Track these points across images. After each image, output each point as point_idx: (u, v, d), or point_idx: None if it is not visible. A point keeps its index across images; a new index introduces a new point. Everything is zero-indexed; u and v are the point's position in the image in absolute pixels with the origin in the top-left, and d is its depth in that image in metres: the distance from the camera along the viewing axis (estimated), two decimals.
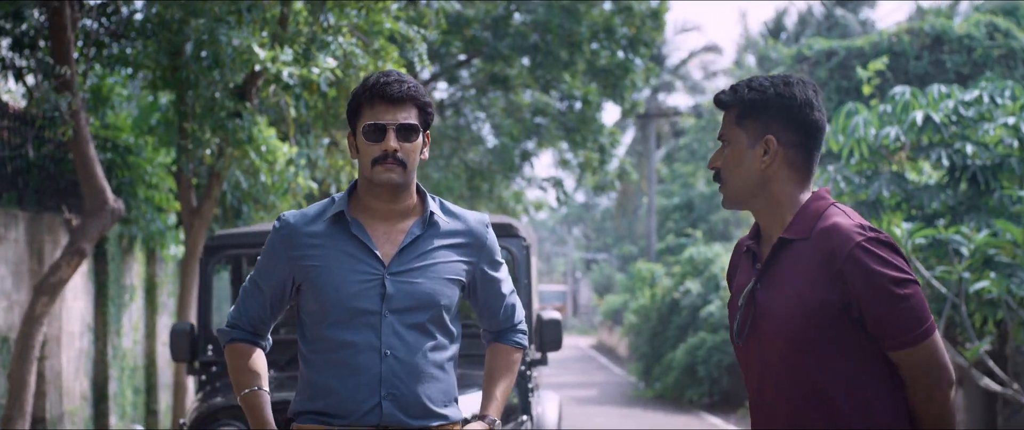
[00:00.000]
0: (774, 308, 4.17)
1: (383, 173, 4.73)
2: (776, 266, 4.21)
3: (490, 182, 27.93)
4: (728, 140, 4.24)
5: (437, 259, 4.83)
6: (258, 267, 4.94)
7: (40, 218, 12.92)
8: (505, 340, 5.15)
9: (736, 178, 4.23)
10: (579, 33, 23.68)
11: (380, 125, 4.71)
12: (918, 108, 14.16)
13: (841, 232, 4.05)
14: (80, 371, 14.03)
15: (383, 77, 4.80)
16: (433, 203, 4.93)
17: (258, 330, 5.00)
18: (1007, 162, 13.90)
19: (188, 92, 12.93)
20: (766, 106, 4.17)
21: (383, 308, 4.74)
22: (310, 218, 4.88)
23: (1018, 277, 12.58)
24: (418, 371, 4.75)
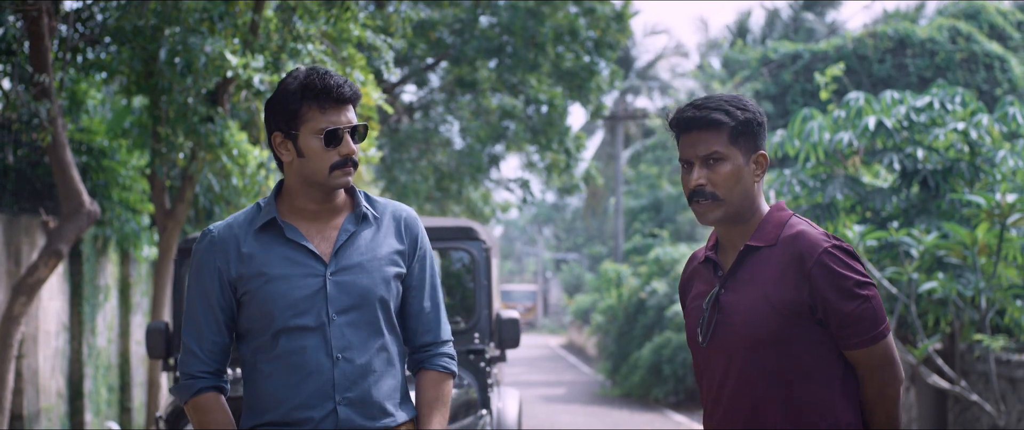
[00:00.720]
0: (741, 308, 4.36)
1: (342, 177, 4.61)
2: (741, 271, 4.40)
3: (458, 184, 28.18)
4: (724, 157, 4.35)
5: (374, 253, 4.70)
6: (196, 290, 4.71)
7: (17, 220, 13.23)
8: (431, 365, 4.85)
9: (737, 195, 4.36)
10: (542, 34, 23.98)
11: (339, 130, 4.57)
12: (871, 114, 14.60)
13: (809, 239, 4.30)
14: (56, 369, 14.34)
15: (328, 77, 4.59)
16: (362, 198, 4.80)
17: (220, 365, 4.75)
18: (957, 166, 14.35)
19: (162, 97, 13.25)
20: (757, 125, 4.36)
21: (329, 310, 4.60)
22: (240, 226, 4.72)
23: (965, 278, 13.02)
24: (371, 371, 4.64)
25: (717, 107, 4.37)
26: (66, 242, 11.62)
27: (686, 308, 4.65)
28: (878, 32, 31.22)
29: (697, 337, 4.49)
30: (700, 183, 4.37)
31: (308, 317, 4.58)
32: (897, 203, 14.61)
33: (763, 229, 4.40)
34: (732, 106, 4.37)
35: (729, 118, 4.33)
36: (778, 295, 4.29)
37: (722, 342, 4.40)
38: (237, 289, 4.65)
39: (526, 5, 24.10)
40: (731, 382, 4.38)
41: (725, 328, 4.39)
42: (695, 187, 4.39)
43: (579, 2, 24.54)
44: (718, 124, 4.33)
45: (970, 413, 14.20)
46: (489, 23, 25.12)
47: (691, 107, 4.42)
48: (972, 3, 32.66)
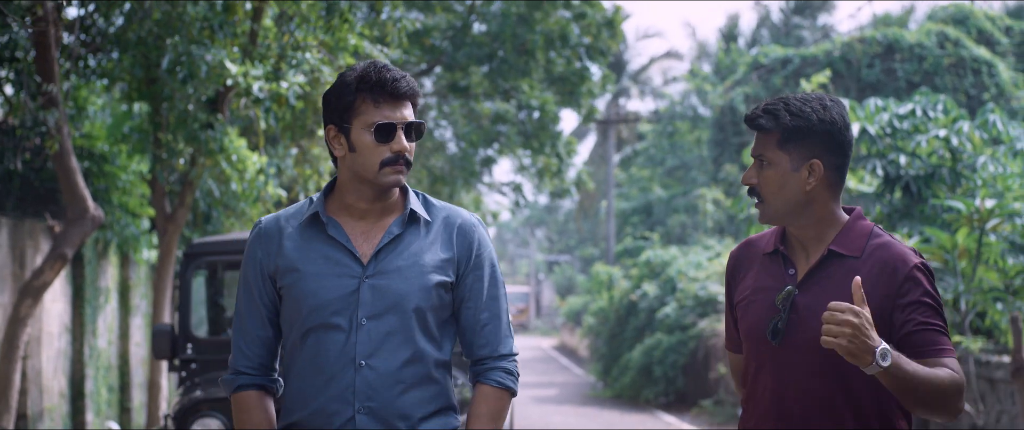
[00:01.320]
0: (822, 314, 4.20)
1: (392, 175, 4.39)
2: (822, 276, 4.35)
3: (451, 187, 28.53)
4: (770, 161, 4.35)
5: (417, 259, 4.48)
6: (244, 282, 4.61)
7: (21, 224, 13.54)
8: (487, 379, 4.59)
9: (779, 200, 4.36)
10: (533, 41, 24.27)
11: (392, 125, 4.38)
12: (855, 120, 14.93)
13: (900, 252, 4.28)
14: (58, 370, 14.66)
15: (385, 71, 4.41)
16: (415, 199, 4.57)
17: (265, 360, 4.64)
18: (939, 172, 14.71)
19: (163, 104, 13.60)
20: (810, 131, 4.30)
21: (359, 314, 4.42)
22: (285, 220, 4.58)
23: (946, 281, 13.37)
24: (397, 381, 4.43)
25: (770, 111, 4.36)
26: (71, 246, 11.92)
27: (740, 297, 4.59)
28: (866, 37, 31.50)
29: (765, 334, 4.42)
30: (751, 182, 4.40)
31: (337, 319, 4.42)
32: (880, 208, 14.97)
33: (847, 237, 4.38)
34: (788, 111, 4.34)
35: (776, 123, 4.31)
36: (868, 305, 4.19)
37: (795, 345, 4.35)
38: (276, 282, 4.53)
39: (517, 11, 24.41)
40: (796, 385, 4.36)
41: (800, 331, 4.35)
42: (745, 183, 4.43)
43: (570, 8, 24.83)
44: (765, 128, 4.35)
45: None
46: (481, 30, 25.41)
47: (756, 108, 4.44)
48: (961, 8, 32.94)
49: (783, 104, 4.34)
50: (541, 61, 24.74)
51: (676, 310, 27.86)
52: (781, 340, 4.34)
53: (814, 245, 4.39)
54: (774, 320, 4.36)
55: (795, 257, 4.45)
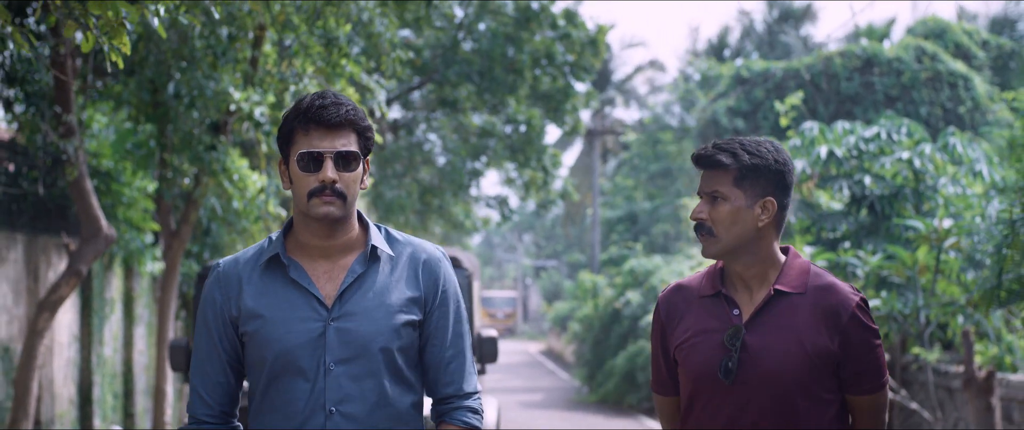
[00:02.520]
0: (774, 351, 4.43)
1: (320, 206, 4.24)
2: (769, 315, 4.47)
3: (441, 199, 29.08)
4: (724, 197, 4.44)
5: (383, 298, 4.37)
6: (203, 326, 4.46)
7: (35, 241, 14.29)
8: (453, 419, 4.49)
9: (731, 235, 4.44)
10: (521, 60, 24.94)
11: (316, 153, 4.24)
12: (823, 143, 15.77)
13: (842, 293, 4.45)
14: (68, 378, 15.39)
15: (318, 99, 4.28)
16: (376, 234, 4.44)
17: (225, 408, 4.49)
18: (902, 192, 15.53)
19: (168, 126, 14.34)
20: (767, 170, 4.44)
21: (326, 358, 4.30)
22: (246, 263, 4.44)
23: (906, 296, 14.18)
24: (370, 426, 4.33)
25: (727, 149, 4.47)
26: (86, 263, 12.66)
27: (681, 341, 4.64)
28: (846, 51, 31.90)
29: (713, 373, 4.50)
30: (700, 217, 4.48)
31: (303, 365, 4.30)
32: (847, 226, 15.79)
33: (789, 275, 4.51)
34: (744, 150, 4.46)
35: (734, 161, 4.43)
36: (812, 342, 4.40)
37: (746, 382, 4.45)
38: (238, 328, 4.39)
39: (505, 31, 25.10)
40: (747, 421, 4.46)
41: (750, 369, 4.44)
42: (695, 219, 4.51)
43: (555, 28, 25.51)
44: (723, 165, 4.44)
45: (913, 420, 15.34)
46: (471, 48, 26.08)
47: (709, 146, 4.52)
48: (939, 22, 33.37)
49: (739, 144, 4.48)
50: (528, 79, 25.39)
51: None
52: (733, 379, 4.43)
53: (757, 284, 4.52)
54: (725, 359, 4.45)
55: (738, 297, 4.55)
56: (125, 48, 6.55)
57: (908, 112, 30.08)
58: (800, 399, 4.40)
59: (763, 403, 4.42)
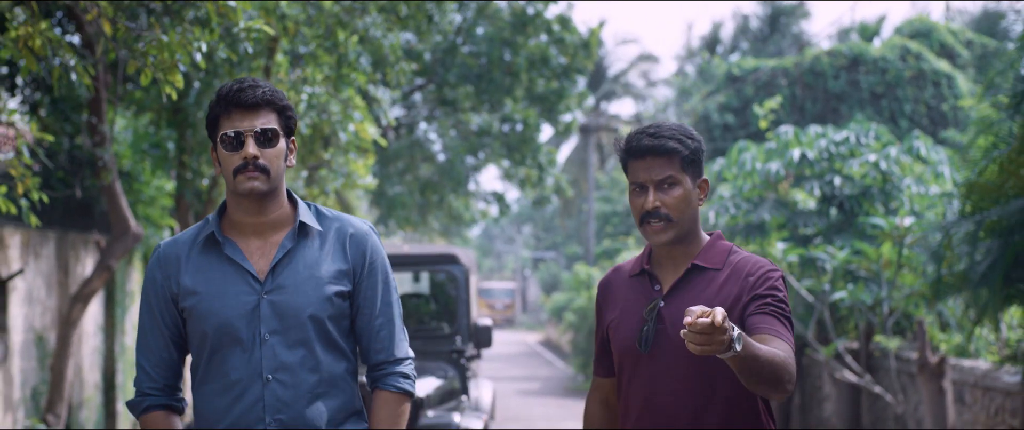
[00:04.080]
0: None
1: (245, 182, 4.43)
2: (685, 288, 4.59)
3: (440, 194, 29.96)
4: (677, 182, 4.53)
5: (313, 271, 4.55)
6: (146, 305, 4.65)
7: (66, 237, 15.34)
8: (384, 384, 4.68)
9: (686, 218, 4.57)
10: (517, 63, 25.90)
11: (238, 133, 4.43)
12: (797, 146, 16.87)
13: (756, 261, 4.58)
14: (94, 364, 16.42)
15: (236, 84, 4.49)
16: (305, 211, 4.62)
17: (169, 381, 4.64)
18: (870, 192, 16.63)
19: (188, 131, 15.36)
20: (700, 153, 4.60)
21: (261, 330, 4.48)
22: (184, 243, 4.62)
23: (869, 290, 15.28)
24: (303, 393, 4.49)
25: (671, 136, 4.54)
26: (115, 259, 13.70)
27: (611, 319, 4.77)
28: (833, 50, 32.49)
29: (634, 345, 4.60)
30: (656, 205, 4.52)
31: (241, 336, 4.48)
32: (819, 224, 16.90)
33: (709, 252, 4.63)
34: (683, 135, 4.56)
35: (682, 147, 4.52)
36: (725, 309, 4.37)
37: (662, 352, 4.54)
38: (178, 305, 4.56)
39: (501, 36, 26.08)
40: (665, 390, 4.56)
41: (666, 339, 4.53)
42: (651, 209, 4.53)
43: (550, 33, 26.49)
44: (673, 152, 4.52)
45: (880, 403, 16.43)
46: (469, 51, 27.00)
47: (646, 135, 4.56)
48: (925, 22, 33.93)
49: (675, 129, 4.59)
50: (523, 81, 26.34)
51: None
52: (649, 348, 4.55)
53: (683, 261, 4.64)
54: (641, 330, 4.58)
55: (662, 274, 4.68)
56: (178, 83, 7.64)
57: (893, 110, 30.71)
58: (713, 364, 4.46)
59: (680, 371, 4.52)
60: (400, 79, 16.32)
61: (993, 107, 10.73)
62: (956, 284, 10.82)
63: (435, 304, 12.86)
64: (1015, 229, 9.90)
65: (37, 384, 14.14)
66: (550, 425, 23.34)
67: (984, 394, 13.02)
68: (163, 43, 7.66)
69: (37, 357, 14.22)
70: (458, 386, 11.90)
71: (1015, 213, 9.83)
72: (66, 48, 7.99)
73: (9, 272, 13.26)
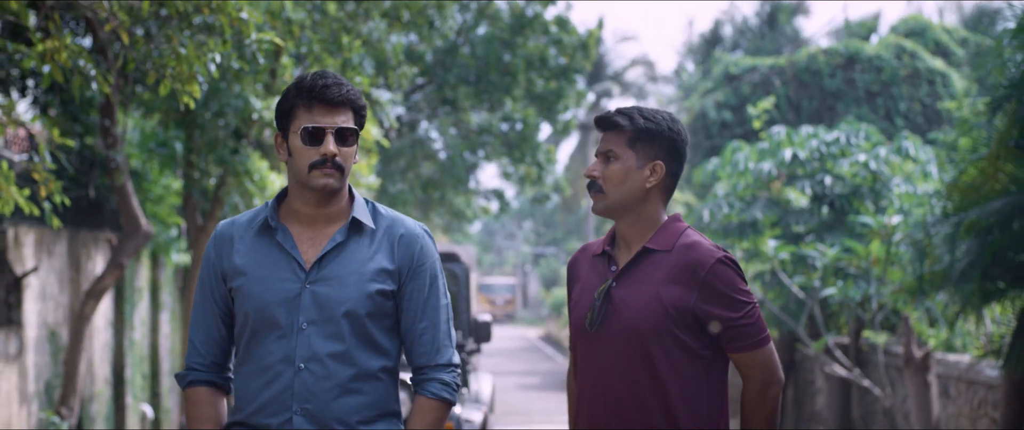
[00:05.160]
0: (632, 303, 4.57)
1: (321, 178, 4.49)
2: (636, 270, 4.63)
3: (441, 191, 30.35)
4: (617, 157, 4.61)
5: (359, 267, 4.57)
6: (201, 282, 4.73)
7: (77, 235, 15.71)
8: (424, 390, 4.67)
9: (619, 193, 4.61)
10: (516, 64, 26.26)
11: (319, 129, 4.47)
12: (789, 146, 17.28)
13: (703, 250, 4.56)
14: (104, 359, 16.75)
15: (320, 79, 4.52)
16: (362, 207, 4.67)
17: (217, 358, 4.70)
18: (859, 191, 17.04)
19: (195, 132, 15.72)
20: (659, 135, 4.60)
21: (300, 318, 4.51)
22: (241, 225, 4.67)
23: (858, 286, 15.69)
24: (336, 385, 4.50)
25: (624, 113, 4.65)
26: (127, 257, 14.05)
27: (573, 297, 4.85)
28: (829, 49, 32.62)
29: (584, 325, 4.67)
30: (592, 174, 4.65)
31: (279, 322, 4.52)
32: (810, 222, 17.31)
33: (661, 235, 4.64)
34: (640, 115, 4.63)
35: (630, 123, 4.60)
36: (669, 296, 4.52)
37: (608, 332, 4.61)
38: (227, 284, 4.62)
39: (501, 36, 26.45)
40: (610, 370, 4.61)
41: (613, 319, 4.59)
42: (587, 176, 4.66)
43: (548, 34, 26.84)
44: (618, 126, 4.62)
45: (870, 397, 16.84)
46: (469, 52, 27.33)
47: (613, 111, 4.68)
48: (920, 21, 34.19)
49: (637, 109, 4.68)
50: (522, 81, 26.71)
51: None
52: (597, 328, 4.63)
53: (636, 243, 4.68)
54: (589, 310, 4.66)
55: (619, 256, 4.73)
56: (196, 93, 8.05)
57: (888, 108, 30.99)
58: (656, 348, 4.52)
59: (624, 351, 4.58)
60: (402, 82, 16.69)
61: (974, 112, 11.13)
62: (938, 281, 11.21)
63: None
64: (993, 229, 10.30)
65: (50, 378, 14.50)
66: (549, 418, 23.64)
67: (968, 387, 13.42)
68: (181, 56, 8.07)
69: (50, 352, 14.56)
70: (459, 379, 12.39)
71: (993, 214, 10.22)
72: (87, 58, 8.36)
73: (24, 270, 13.62)
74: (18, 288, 13.59)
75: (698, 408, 4.57)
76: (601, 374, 4.63)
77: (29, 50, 8.22)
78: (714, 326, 4.56)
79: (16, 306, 13.61)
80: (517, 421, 22.89)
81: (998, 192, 10.34)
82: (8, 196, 8.66)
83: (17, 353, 13.50)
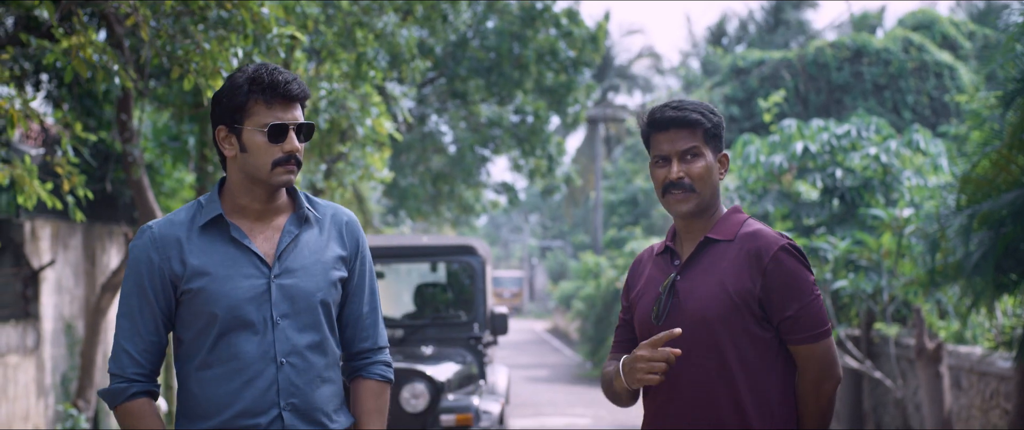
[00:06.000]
0: (696, 293, 4.54)
1: (284, 175, 4.40)
2: (699, 261, 4.60)
3: (451, 185, 30.47)
4: (699, 154, 4.56)
5: (319, 256, 4.52)
6: (134, 287, 4.45)
7: (93, 228, 15.88)
8: (370, 373, 4.67)
9: (708, 190, 4.58)
10: (526, 57, 26.36)
11: (284, 126, 4.36)
12: (800, 139, 17.37)
13: (767, 237, 4.53)
14: None
15: (277, 73, 4.39)
16: (303, 197, 4.61)
17: (154, 367, 4.47)
18: (870, 184, 17.12)
19: (209, 126, 15.80)
20: (722, 129, 4.63)
21: (273, 313, 4.41)
22: (181, 224, 4.48)
23: (870, 278, 15.77)
24: (313, 377, 4.46)
25: (694, 109, 4.58)
26: None
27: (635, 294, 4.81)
28: (837, 42, 32.59)
29: (651, 319, 4.63)
30: (679, 176, 4.55)
31: (250, 320, 4.40)
32: (821, 215, 17.40)
33: (723, 225, 4.61)
34: (705, 110, 4.59)
35: (705, 119, 4.57)
36: (734, 284, 4.49)
37: (674, 324, 4.54)
38: (177, 287, 4.41)
39: (511, 29, 26.55)
40: (679, 362, 4.53)
41: (679, 311, 4.56)
42: (675, 180, 4.55)
43: (558, 27, 26.94)
44: (696, 124, 4.55)
45: (881, 388, 16.92)
46: (479, 45, 27.42)
47: (670, 108, 4.59)
48: (928, 14, 34.20)
49: (699, 105, 4.62)
50: (532, 74, 26.79)
51: None
52: (663, 321, 4.59)
53: (699, 234, 4.66)
54: (655, 303, 4.64)
55: (682, 250, 4.72)
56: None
57: (896, 101, 31.04)
58: (724, 337, 4.50)
59: (691, 341, 4.51)
60: (415, 76, 16.77)
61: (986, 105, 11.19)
62: (951, 273, 11.28)
63: (451, 292, 13.42)
64: (1006, 221, 10.37)
65: (66, 371, 14.64)
66: (558, 410, 23.77)
67: (979, 379, 13.50)
68: (206, 51, 8.15)
69: (66, 344, 14.71)
70: (476, 371, 12.49)
71: (1006, 206, 10.30)
72: (110, 54, 8.44)
73: (41, 263, 13.74)
74: (35, 281, 13.72)
75: (767, 398, 4.53)
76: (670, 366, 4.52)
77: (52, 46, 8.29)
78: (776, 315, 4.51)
79: (33, 299, 13.74)
80: (527, 413, 23.02)
81: (1011, 184, 10.41)
82: (31, 190, 8.73)
83: (35, 346, 13.64)
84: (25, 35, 8.85)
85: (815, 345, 4.49)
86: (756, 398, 4.50)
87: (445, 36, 24.69)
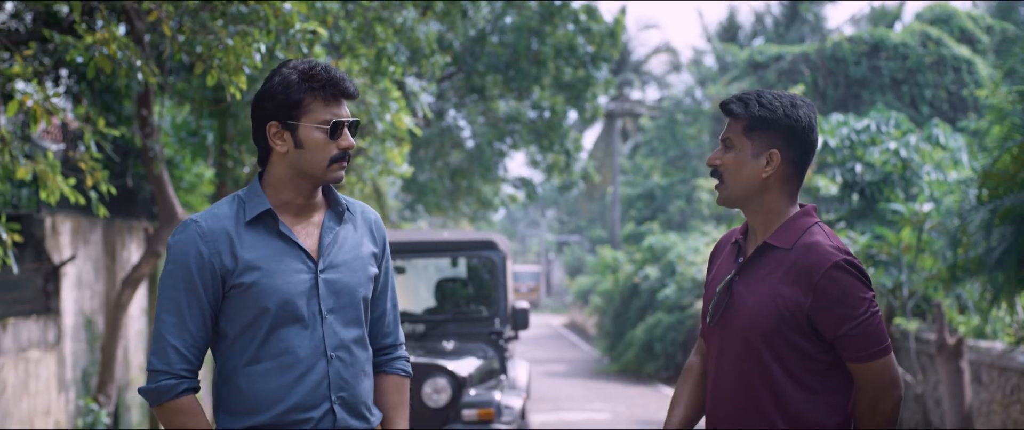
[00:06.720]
0: (750, 300, 4.42)
1: (338, 171, 4.42)
2: (756, 265, 4.47)
3: (469, 180, 30.48)
4: (734, 146, 4.44)
5: (357, 252, 4.55)
6: (181, 281, 4.36)
7: (113, 224, 15.89)
8: (392, 369, 4.71)
9: (737, 182, 4.45)
10: (544, 52, 26.36)
11: (341, 122, 4.37)
12: (819, 134, 17.35)
13: (821, 250, 4.33)
14: (139, 347, 16.94)
15: (331, 70, 4.41)
16: (337, 194, 4.61)
17: (199, 363, 4.40)
18: (890, 178, 17.10)
19: (228, 121, 15.86)
20: (775, 123, 4.38)
21: (321, 308, 4.41)
22: (227, 219, 4.43)
23: (890, 273, 15.75)
24: (358, 371, 4.49)
25: (742, 99, 4.46)
26: (163, 245, 14.23)
27: (708, 281, 4.76)
28: (854, 37, 32.68)
29: (708, 315, 4.59)
30: (714, 163, 4.51)
31: (300, 314, 4.39)
32: (841, 209, 17.39)
33: (784, 231, 4.44)
34: (757, 101, 4.43)
35: (744, 111, 4.42)
36: (784, 298, 4.36)
37: (726, 326, 4.51)
38: (226, 282, 4.36)
39: (529, 25, 26.55)
40: (727, 367, 4.51)
41: (731, 314, 4.49)
42: (709, 164, 4.53)
43: (577, 22, 26.92)
44: (734, 114, 4.45)
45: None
46: (498, 40, 27.41)
47: (734, 97, 4.50)
48: (946, 8, 34.18)
49: (756, 95, 4.46)
50: (551, 69, 26.79)
51: (675, 292, 29.60)
52: (715, 322, 4.56)
53: (761, 235, 4.52)
54: (711, 303, 4.58)
55: (748, 247, 4.59)
56: (243, 84, 8.16)
57: (913, 95, 31.05)
58: (767, 351, 4.39)
59: (737, 348, 4.47)
60: (434, 71, 16.80)
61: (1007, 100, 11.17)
62: (972, 268, 11.27)
63: (471, 287, 13.44)
64: None
65: (87, 366, 14.66)
66: (577, 405, 23.78)
67: (1000, 374, 13.48)
68: (229, 47, 8.17)
69: (86, 339, 14.73)
70: (497, 366, 12.50)
71: None
72: (133, 50, 8.47)
73: (61, 258, 13.77)
74: (56, 276, 13.74)
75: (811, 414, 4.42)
76: (719, 369, 4.54)
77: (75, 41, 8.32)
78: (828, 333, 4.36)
79: (54, 294, 13.76)
80: (546, 407, 23.02)
81: None
82: (54, 186, 8.76)
83: (56, 341, 13.66)
84: (48, 31, 8.86)
85: (871, 363, 4.33)
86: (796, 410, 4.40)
87: (464, 32, 24.69)
